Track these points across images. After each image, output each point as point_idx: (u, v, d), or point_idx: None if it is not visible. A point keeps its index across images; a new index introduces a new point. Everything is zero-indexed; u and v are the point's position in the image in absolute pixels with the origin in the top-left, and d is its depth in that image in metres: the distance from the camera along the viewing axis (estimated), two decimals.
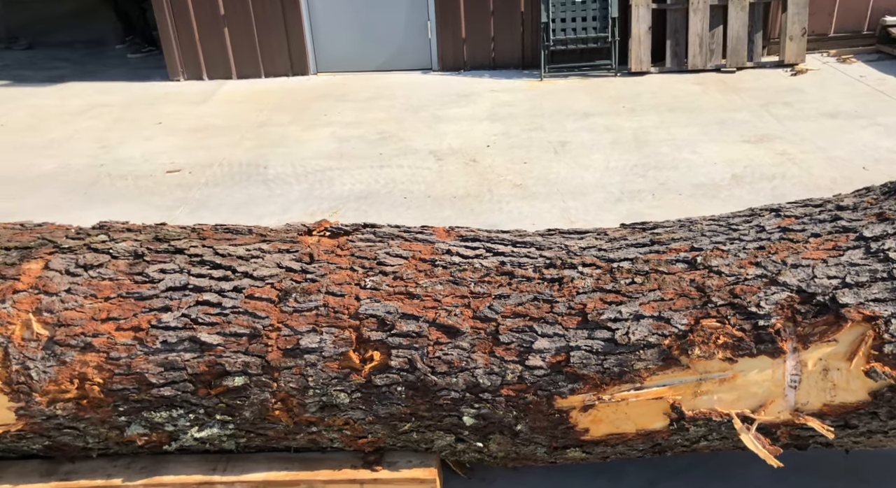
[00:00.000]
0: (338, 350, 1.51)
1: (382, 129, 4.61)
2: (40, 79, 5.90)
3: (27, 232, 1.76)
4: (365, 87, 5.63)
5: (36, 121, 4.79)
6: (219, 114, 5.02)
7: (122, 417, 1.57)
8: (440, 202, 3.49)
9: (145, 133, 4.62)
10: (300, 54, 5.89)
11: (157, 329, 1.53)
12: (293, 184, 3.81)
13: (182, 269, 1.60)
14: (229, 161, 4.13)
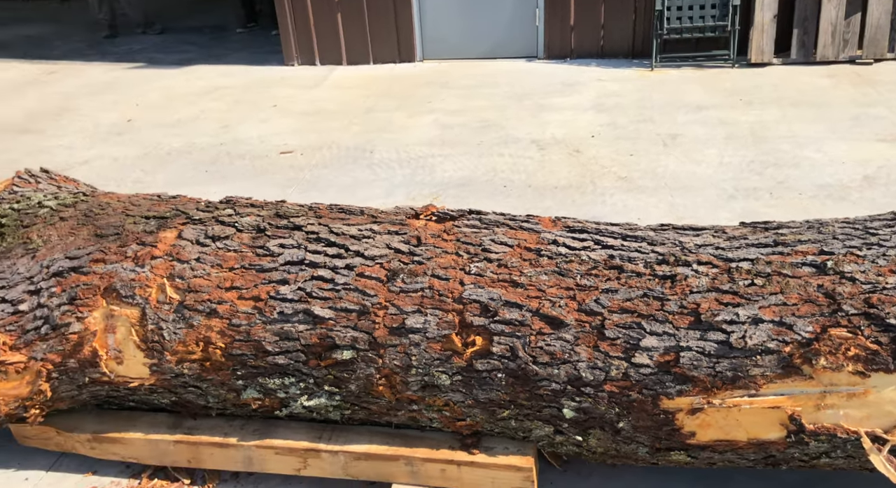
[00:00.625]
0: (441, 332, 1.54)
1: (485, 117, 4.61)
2: (170, 61, 6.36)
3: (163, 203, 1.92)
4: (469, 74, 5.65)
5: (166, 101, 5.17)
6: (329, 98, 5.21)
7: (239, 381, 1.68)
8: (541, 192, 3.46)
9: (261, 115, 4.87)
10: (407, 41, 5.99)
11: (275, 300, 1.62)
12: (396, 169, 3.90)
13: (300, 245, 1.69)
14: (338, 144, 4.28)
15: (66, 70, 6.14)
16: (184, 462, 1.76)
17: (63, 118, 4.81)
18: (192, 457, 1.75)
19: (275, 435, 1.71)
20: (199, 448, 1.73)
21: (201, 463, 1.75)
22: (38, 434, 1.81)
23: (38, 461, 1.82)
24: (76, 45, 7.14)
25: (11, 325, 1.64)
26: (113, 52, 6.82)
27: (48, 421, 1.78)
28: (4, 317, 1.65)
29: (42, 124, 4.67)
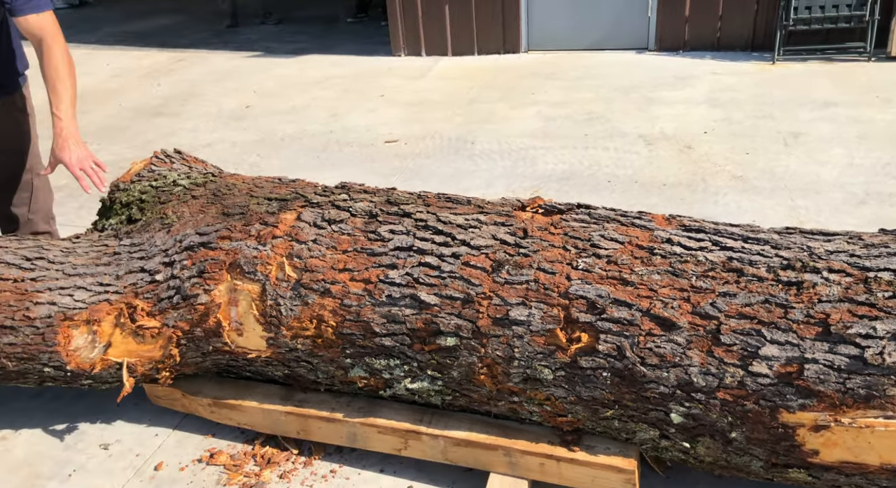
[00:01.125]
0: (545, 326, 1.54)
1: (590, 110, 4.51)
2: (285, 51, 6.67)
3: (284, 186, 2.03)
4: (574, 66, 5.54)
5: (281, 89, 5.43)
6: (434, 89, 5.28)
7: (347, 359, 1.75)
8: (647, 188, 3.35)
9: (369, 104, 5.01)
10: (513, 32, 5.95)
11: (384, 284, 1.67)
12: (497, 160, 3.90)
13: (409, 232, 1.73)
14: (441, 135, 4.34)
15: (193, 58, 6.58)
16: (293, 432, 1.86)
17: (190, 103, 5.17)
18: (301, 429, 1.85)
19: (378, 415, 1.78)
20: (308, 420, 1.82)
21: (309, 434, 1.85)
22: (167, 395, 1.98)
23: (166, 419, 1.99)
24: (202, 34, 7.64)
25: (149, 294, 1.80)
26: (234, 41, 7.24)
27: (175, 384, 1.94)
28: (143, 286, 1.80)
29: (172, 108, 5.04)
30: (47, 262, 1.83)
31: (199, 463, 1.84)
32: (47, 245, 1.89)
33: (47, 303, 1.76)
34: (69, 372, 1.79)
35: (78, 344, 1.78)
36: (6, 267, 1.80)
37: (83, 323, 1.77)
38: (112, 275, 1.82)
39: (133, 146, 4.33)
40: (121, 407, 2.03)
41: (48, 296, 1.76)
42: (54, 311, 1.75)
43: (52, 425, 1.98)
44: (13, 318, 1.74)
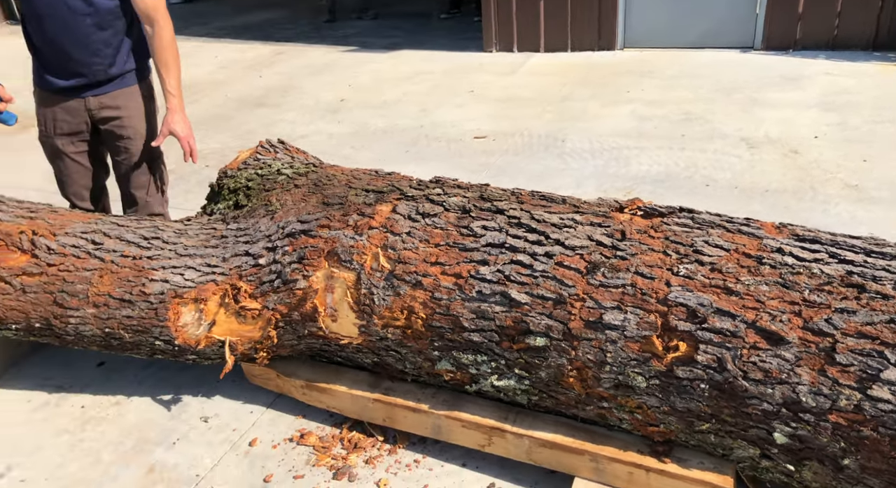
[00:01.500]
0: (641, 332, 1.49)
1: (687, 110, 4.34)
2: (380, 46, 6.81)
3: (380, 178, 2.07)
4: (672, 64, 5.34)
5: (374, 83, 5.55)
6: (524, 85, 5.24)
7: (435, 352, 1.77)
8: (749, 194, 3.18)
9: (458, 100, 5.04)
10: (609, 29, 5.80)
11: (475, 279, 1.68)
12: (588, 159, 3.82)
13: (501, 229, 1.73)
14: (530, 132, 4.30)
15: (292, 51, 6.84)
16: (379, 420, 1.91)
17: (289, 95, 5.38)
18: (387, 417, 1.89)
19: (463, 409, 1.79)
20: (394, 409, 1.86)
21: (395, 423, 1.89)
22: (262, 374, 2.08)
23: (261, 398, 2.09)
24: (302, 28, 7.93)
25: (252, 276, 1.89)
26: (331, 35, 7.47)
27: (271, 365, 2.03)
28: (247, 269, 1.90)
29: (273, 100, 5.27)
30: (162, 242, 1.96)
31: (290, 443, 1.92)
32: (162, 226, 2.02)
33: (161, 281, 1.88)
34: (177, 347, 1.91)
35: (186, 320, 1.89)
36: (127, 244, 1.94)
37: (191, 301, 1.89)
38: (219, 257, 1.92)
39: (236, 135, 4.55)
40: (220, 383, 2.14)
41: (162, 274, 1.89)
42: (166, 288, 1.87)
43: (160, 395, 2.12)
44: (131, 293, 1.87)
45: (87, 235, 1.94)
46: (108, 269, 1.89)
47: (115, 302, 1.88)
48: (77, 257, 1.90)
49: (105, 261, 1.90)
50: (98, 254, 1.90)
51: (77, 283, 1.88)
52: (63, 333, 1.93)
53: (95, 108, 2.21)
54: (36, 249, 1.90)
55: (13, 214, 1.99)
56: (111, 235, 1.95)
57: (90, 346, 1.98)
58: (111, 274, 1.89)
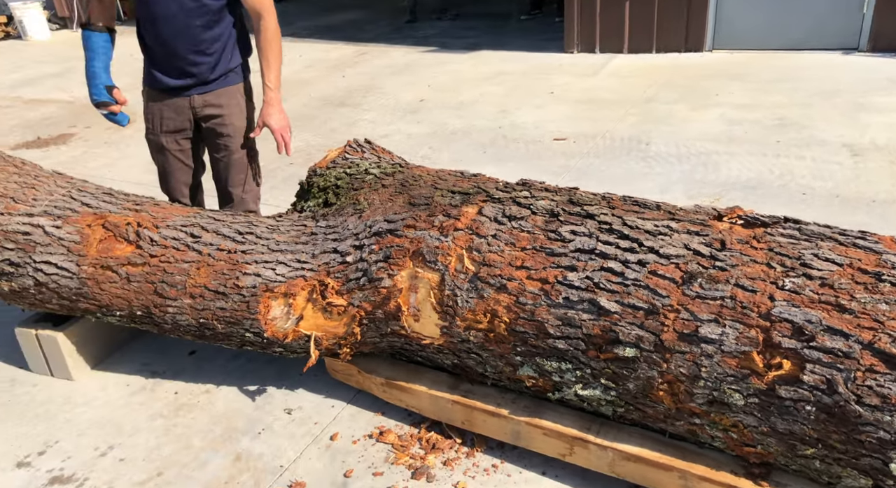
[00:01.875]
0: (740, 347, 1.42)
1: (782, 115, 4.12)
2: (459, 46, 6.84)
3: (466, 180, 2.07)
4: (765, 66, 5.09)
5: (453, 84, 5.58)
6: (606, 87, 5.12)
7: (518, 357, 1.75)
8: (852, 204, 2.98)
9: (537, 101, 4.98)
10: (697, 29, 5.59)
11: (562, 285, 1.65)
12: (674, 163, 3.69)
13: (591, 234, 1.69)
14: (612, 134, 4.20)
15: (374, 51, 6.97)
16: (458, 422, 1.90)
17: (370, 95, 5.48)
18: (465, 419, 1.88)
19: (544, 416, 1.76)
20: (474, 412, 1.85)
21: (473, 426, 1.88)
22: (344, 370, 2.11)
23: (342, 393, 2.13)
24: (383, 29, 8.07)
25: (339, 273, 1.93)
26: (412, 36, 7.56)
27: (353, 361, 2.07)
28: (335, 266, 1.94)
29: (354, 99, 5.38)
30: (255, 237, 2.02)
31: (369, 439, 1.94)
32: (256, 221, 2.10)
33: (253, 275, 1.94)
34: (265, 339, 1.98)
35: (275, 314, 1.95)
36: (223, 238, 2.02)
37: (281, 295, 1.94)
38: (308, 253, 1.97)
39: (319, 134, 4.68)
40: (303, 377, 2.20)
41: (254, 268, 1.95)
42: (258, 282, 1.94)
43: (246, 385, 2.20)
44: (225, 285, 1.95)
45: (187, 228, 2.04)
46: (205, 262, 1.97)
47: (211, 293, 1.96)
48: (177, 249, 1.99)
49: (202, 254, 1.98)
50: (196, 247, 1.99)
51: (176, 274, 1.97)
52: (161, 322, 2.03)
53: (199, 106, 2.32)
54: (140, 241, 2.00)
55: (121, 206, 2.11)
56: (209, 229, 2.04)
57: (185, 335, 2.07)
58: (208, 266, 1.97)
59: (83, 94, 6.09)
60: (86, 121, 5.27)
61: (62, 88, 6.26)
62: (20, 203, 2.04)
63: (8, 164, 2.17)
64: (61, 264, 1.99)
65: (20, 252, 1.99)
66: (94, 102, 2.20)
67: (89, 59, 2.21)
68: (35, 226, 2.00)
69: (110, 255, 2.00)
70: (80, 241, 2.00)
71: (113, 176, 4.13)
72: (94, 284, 2.00)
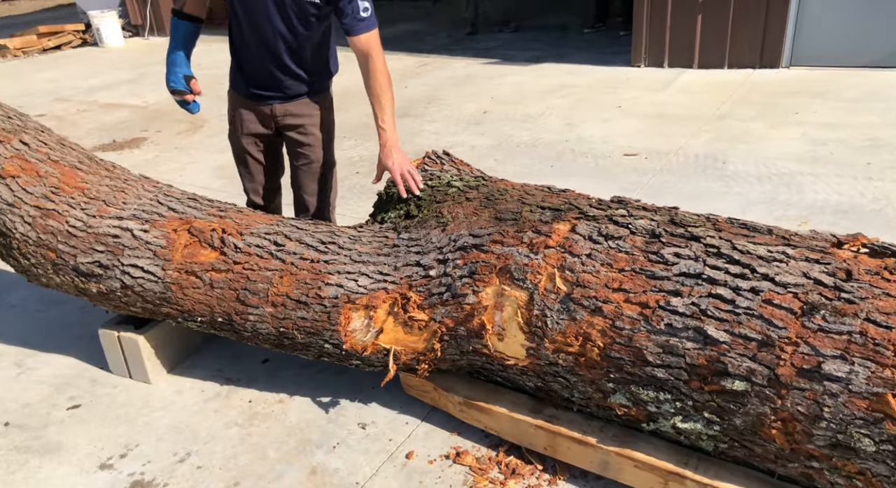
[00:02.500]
0: (871, 388, 1.30)
1: (873, 136, 3.90)
2: (521, 59, 6.78)
3: (555, 195, 2.00)
4: (852, 84, 4.86)
5: (517, 96, 5.52)
6: (677, 102, 4.98)
7: (610, 384, 1.66)
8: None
9: (604, 115, 4.88)
10: (774, 45, 5.39)
11: (664, 310, 1.55)
12: (754, 183, 3.53)
13: (697, 257, 1.59)
14: (685, 151, 4.06)
15: (436, 62, 6.98)
16: (539, 447, 1.82)
17: (432, 105, 5.47)
18: (548, 445, 1.80)
19: (635, 447, 1.66)
20: (557, 438, 1.77)
21: (556, 453, 1.79)
22: (419, 386, 2.06)
23: (416, 409, 2.07)
24: (443, 40, 8.09)
25: (421, 287, 1.88)
26: (473, 47, 7.54)
27: (428, 377, 2.01)
28: (417, 279, 1.89)
29: (417, 110, 5.38)
30: (338, 247, 2.00)
31: (446, 460, 1.88)
32: (338, 231, 2.07)
33: (335, 285, 1.91)
34: (344, 351, 1.94)
35: (355, 326, 1.92)
36: (306, 247, 1.99)
37: (362, 307, 1.90)
38: (391, 265, 1.93)
39: None
40: (376, 389, 2.16)
41: (337, 278, 1.92)
42: (340, 293, 1.91)
43: (319, 396, 2.17)
44: (307, 295, 1.92)
45: (270, 236, 2.02)
46: (288, 271, 1.95)
47: (292, 303, 1.93)
48: (260, 257, 1.98)
49: (285, 263, 1.96)
50: (279, 256, 1.97)
51: (259, 282, 1.95)
52: (241, 329, 2.02)
53: (280, 114, 2.32)
54: (225, 247, 2.00)
55: (206, 212, 2.12)
56: (292, 237, 2.02)
57: (263, 344, 2.05)
58: (290, 275, 1.95)
59: (155, 100, 6.29)
60: (157, 125, 5.42)
61: (135, 94, 6.48)
62: (111, 206, 2.07)
63: (100, 168, 2.20)
64: (147, 268, 2.00)
65: (109, 254, 2.01)
66: (171, 89, 2.21)
67: (172, 47, 2.21)
68: (124, 230, 2.02)
69: (195, 261, 2.00)
70: (166, 246, 2.01)
71: (182, 180, 4.22)
72: (178, 289, 2.01)
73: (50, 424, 2.09)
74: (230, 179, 4.21)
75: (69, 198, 2.09)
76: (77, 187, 2.12)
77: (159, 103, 6.02)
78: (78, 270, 2.05)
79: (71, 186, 2.11)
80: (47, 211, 2.07)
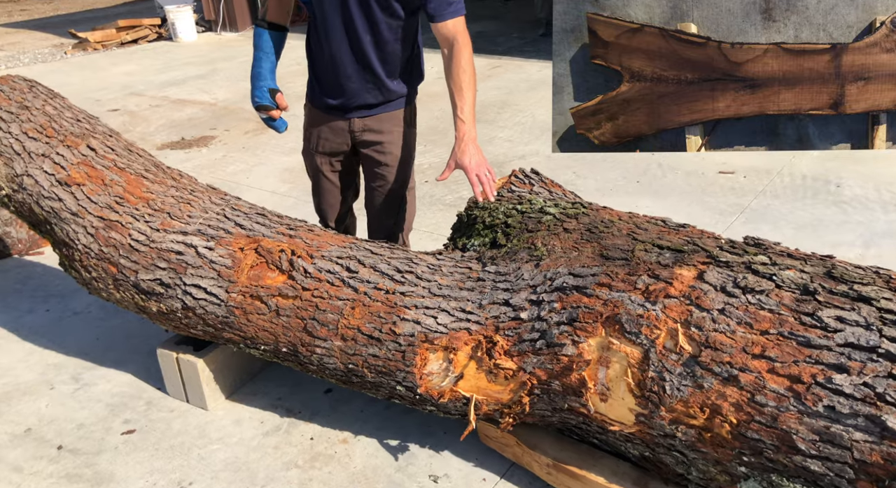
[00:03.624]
0: None
1: None
2: None
3: (673, 232, 1.71)
4: None
5: None
6: None
7: (742, 467, 1.37)
8: None
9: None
10: None
11: (824, 389, 1.25)
12: (877, 211, 3.13)
13: (870, 325, 1.28)
14: (791, 171, 3.67)
15: (508, 65, 6.71)
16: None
17: (505, 111, 5.21)
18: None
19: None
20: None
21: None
22: (499, 438, 1.81)
23: (493, 463, 1.83)
24: (515, 42, 7.80)
25: (510, 331, 1.63)
26: (547, 50, 7.23)
27: (512, 430, 1.76)
28: (505, 321, 1.64)
29: (489, 115, 5.13)
30: (416, 278, 1.77)
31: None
32: (416, 258, 1.84)
33: (412, 321, 1.69)
34: (418, 396, 1.72)
35: (432, 369, 1.69)
36: (381, 276, 1.78)
37: (441, 349, 1.67)
38: (475, 302, 1.69)
39: None
40: (449, 435, 1.93)
41: (414, 313, 1.70)
42: (417, 331, 1.68)
43: (386, 438, 1.95)
44: (380, 330, 1.70)
45: (343, 261, 1.82)
46: (361, 301, 1.74)
47: (364, 338, 1.72)
48: (331, 284, 1.78)
49: (358, 292, 1.75)
50: (352, 284, 1.76)
51: (329, 312, 1.75)
52: (307, 362, 1.82)
53: (358, 130, 2.11)
54: (293, 271, 1.81)
55: (275, 230, 1.93)
56: (366, 264, 1.81)
57: (329, 378, 1.85)
58: (363, 306, 1.73)
59: (224, 97, 6.26)
60: (225, 124, 5.36)
61: (205, 90, 6.47)
62: (175, 219, 1.91)
63: (167, 176, 2.05)
64: (210, 289, 1.82)
65: (171, 272, 1.84)
66: (255, 105, 2.02)
67: (257, 59, 2.03)
68: (188, 246, 1.85)
69: (261, 284, 1.82)
70: (232, 266, 1.84)
71: (249, 183, 4.10)
72: (242, 314, 1.82)
73: (103, 451, 1.95)
74: (296, 183, 4.07)
75: (133, 209, 1.94)
76: (142, 197, 1.97)
77: (228, 100, 5.98)
78: (138, 287, 1.90)
79: (136, 196, 1.96)
80: (111, 222, 1.93)
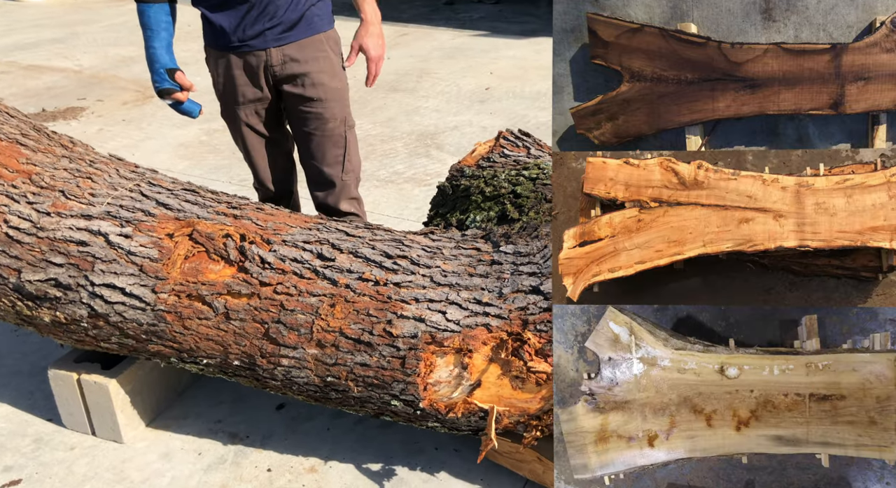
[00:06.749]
0: None
1: None
2: (514, 31, 6.21)
3: None
4: None
5: (520, 71, 4.96)
6: None
7: None
8: None
9: None
10: None
11: None
12: None
13: None
14: None
15: (416, 33, 6.32)
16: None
17: (424, 80, 4.85)
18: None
19: None
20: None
21: None
22: (512, 453, 1.51)
23: (504, 483, 1.52)
24: (420, 9, 7.41)
25: (543, 324, 1.32)
26: (455, 18, 6.92)
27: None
28: (536, 313, 1.33)
29: (407, 84, 4.75)
30: (411, 263, 1.41)
31: None
32: (407, 240, 1.48)
33: (414, 319, 1.33)
34: (419, 411, 1.37)
35: (440, 376, 1.35)
36: (365, 263, 1.40)
37: (453, 351, 1.33)
38: (494, 291, 1.36)
39: (377, 122, 4.05)
40: (440, 451, 1.60)
41: (415, 308, 1.34)
42: (421, 330, 1.33)
43: (364, 461, 1.59)
44: (371, 332, 1.33)
45: (312, 246, 1.41)
46: (343, 297, 1.35)
47: (348, 342, 1.34)
48: (300, 276, 1.37)
49: (338, 285, 1.36)
50: (329, 275, 1.37)
51: (299, 312, 1.35)
52: (267, 377, 1.41)
53: (278, 63, 1.69)
54: (246, 261, 1.38)
55: (212, 210, 1.48)
56: (343, 249, 1.42)
57: (297, 396, 1.45)
58: (346, 303, 1.35)
59: (91, 63, 5.37)
60: (97, 93, 4.58)
61: (65, 55, 5.55)
62: (72, 199, 1.40)
63: (54, 143, 1.52)
64: (130, 290, 1.35)
65: (72, 269, 1.34)
66: (157, 91, 1.62)
67: (147, 39, 1.64)
68: (95, 234, 1.36)
69: (201, 280, 1.37)
70: (159, 258, 1.37)
71: (137, 160, 3.46)
72: (176, 320, 1.37)
73: None
74: (195, 160, 3.50)
75: (9, 187, 1.40)
76: (21, 171, 1.43)
77: (97, 67, 5.15)
78: (22, 291, 1.38)
79: (11, 170, 1.43)
80: None
